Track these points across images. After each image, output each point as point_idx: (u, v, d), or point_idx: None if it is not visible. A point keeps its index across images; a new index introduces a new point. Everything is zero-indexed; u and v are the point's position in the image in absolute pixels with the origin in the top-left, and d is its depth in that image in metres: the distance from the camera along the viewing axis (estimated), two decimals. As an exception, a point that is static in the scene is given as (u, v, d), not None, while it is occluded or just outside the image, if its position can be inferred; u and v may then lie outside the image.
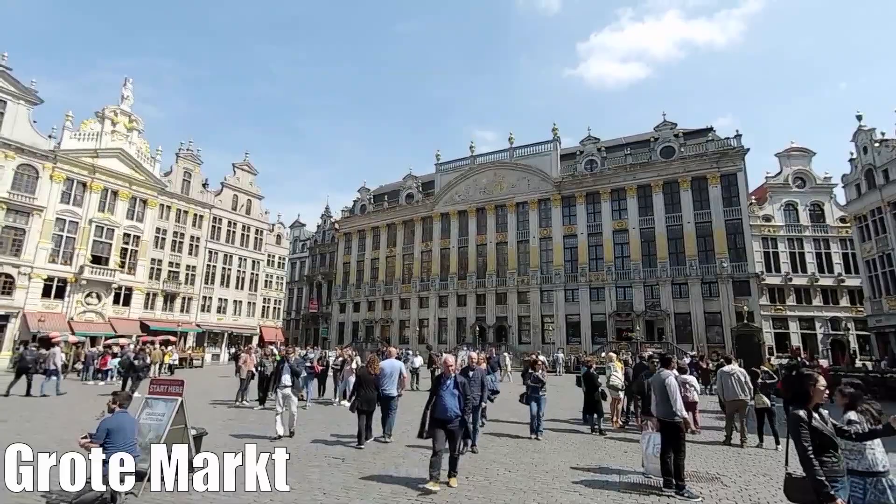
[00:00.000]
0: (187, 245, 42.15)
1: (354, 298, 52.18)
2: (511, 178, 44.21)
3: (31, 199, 31.52)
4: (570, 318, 39.13)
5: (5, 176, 30.47)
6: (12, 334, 29.73)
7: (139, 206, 38.11)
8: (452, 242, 46.63)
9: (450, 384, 6.12)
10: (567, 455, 8.19)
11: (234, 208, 46.93)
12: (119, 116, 36.93)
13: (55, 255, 32.67)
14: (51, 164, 32.55)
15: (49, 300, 32.01)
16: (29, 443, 4.63)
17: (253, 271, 48.30)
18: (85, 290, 33.77)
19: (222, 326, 44.20)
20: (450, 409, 5.94)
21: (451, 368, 6.32)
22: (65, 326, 31.11)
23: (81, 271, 33.32)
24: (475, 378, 8.21)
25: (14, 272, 30.51)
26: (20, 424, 10.45)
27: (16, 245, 30.87)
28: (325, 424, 10.80)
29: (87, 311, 33.75)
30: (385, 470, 7.00)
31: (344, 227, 55.69)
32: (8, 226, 30.53)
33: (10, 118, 30.81)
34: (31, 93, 32.01)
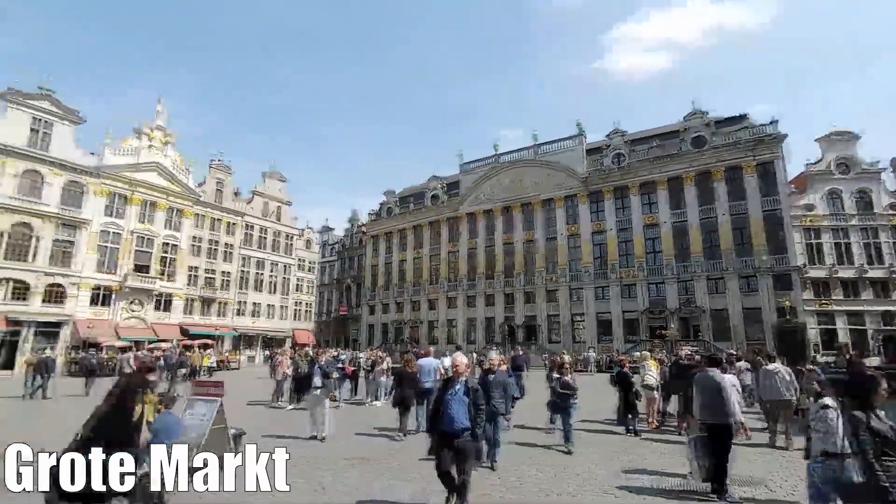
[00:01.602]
0: (222, 252, 43.53)
1: (383, 300, 52.71)
2: (536, 176, 43.75)
3: (78, 214, 33.22)
4: (600, 316, 38.42)
5: (55, 193, 32.23)
6: (65, 340, 31.38)
7: (176, 217, 39.62)
8: (479, 242, 46.53)
9: (458, 390, 5.08)
10: (601, 457, 8.03)
11: (264, 215, 48.17)
12: (154, 132, 38.56)
13: (101, 266, 34.31)
14: (94, 179, 34.22)
15: (97, 307, 33.64)
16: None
17: (284, 276, 49.46)
18: (129, 298, 35.35)
19: (257, 330, 45.43)
20: (457, 421, 4.89)
21: (461, 370, 5.32)
22: (112, 332, 32.64)
23: (125, 280, 34.89)
24: (496, 383, 7.42)
25: (65, 282, 32.21)
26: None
27: (66, 257, 32.58)
28: (356, 425, 10.94)
29: (132, 317, 35.31)
30: (404, 475, 6.96)
31: (371, 231, 56.35)
32: (59, 239, 32.26)
33: (56, 138, 32.58)
34: (74, 113, 33.76)
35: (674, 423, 10.67)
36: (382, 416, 12.03)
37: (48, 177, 32.01)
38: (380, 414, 12.71)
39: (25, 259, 30.61)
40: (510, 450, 7.86)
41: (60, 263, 32.25)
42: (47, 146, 32.14)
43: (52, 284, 31.67)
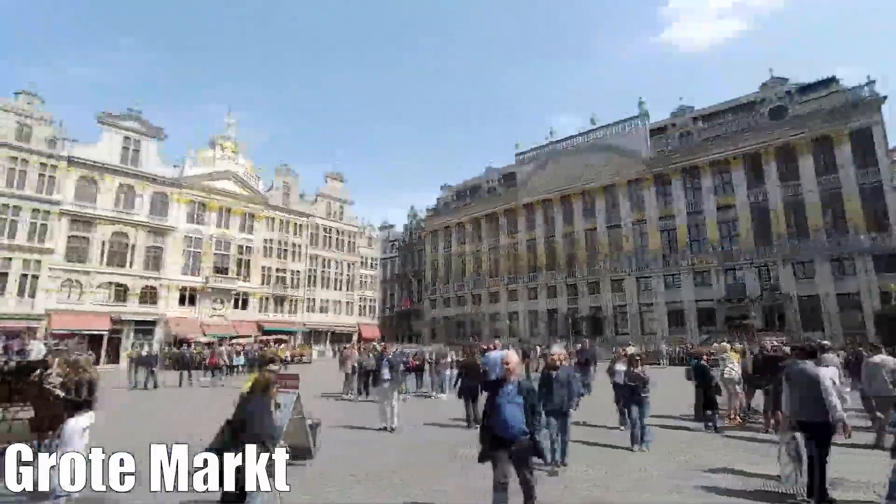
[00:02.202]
0: (291, 252, 45.89)
1: (444, 294, 53.26)
2: (596, 162, 42.14)
3: (164, 222, 36.36)
4: (671, 305, 36.47)
5: (145, 203, 35.48)
6: (159, 337, 34.57)
7: (249, 221, 42.28)
8: (539, 233, 45.68)
9: (511, 391, 4.56)
10: (678, 455, 7.60)
11: (328, 215, 50.15)
12: (226, 142, 41.37)
13: (186, 268, 37.38)
14: (177, 190, 37.27)
15: (184, 307, 36.72)
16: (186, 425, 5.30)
17: (349, 273, 51.30)
18: (211, 297, 38.27)
19: (325, 325, 47.54)
20: (512, 425, 4.40)
21: (513, 369, 4.75)
22: (198, 329, 35.48)
23: (207, 281, 37.80)
24: (561, 379, 6.92)
25: (157, 284, 35.44)
26: (192, 407, 12.11)
27: (156, 262, 35.80)
28: (424, 416, 11.11)
29: (214, 315, 38.20)
30: (462, 473, 6.83)
31: (429, 226, 57.03)
32: (150, 245, 35.52)
33: (144, 154, 35.84)
34: (159, 131, 37.00)
35: (760, 419, 9.90)
36: (449, 407, 12.17)
37: (138, 189, 35.28)
38: (446, 405, 12.88)
39: (124, 265, 34.00)
40: (577, 449, 7.52)
41: (152, 267, 35.49)
42: (137, 162, 35.43)
43: (146, 287, 34.95)
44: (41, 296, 29.90)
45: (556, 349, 7.74)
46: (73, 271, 31.59)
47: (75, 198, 32.29)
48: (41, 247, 30.25)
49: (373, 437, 9.12)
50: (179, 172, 37.68)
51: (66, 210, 31.59)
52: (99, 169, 33.39)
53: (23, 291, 29.46)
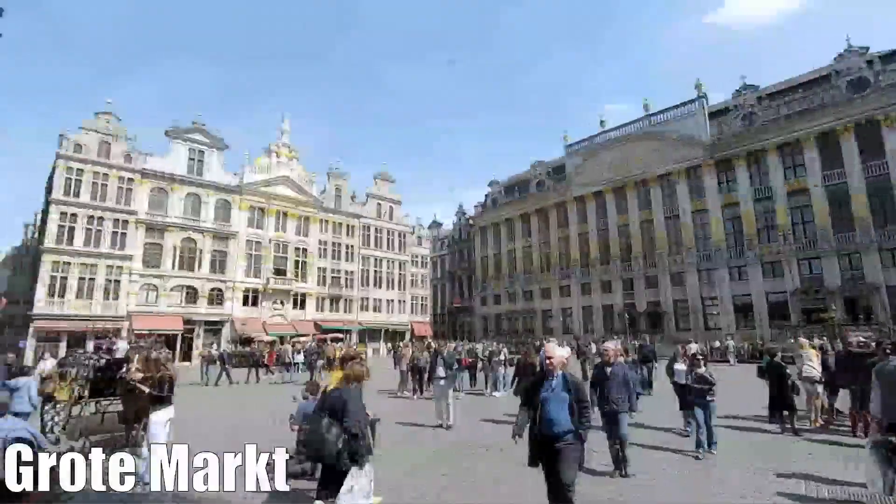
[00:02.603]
0: (344, 253, 47.30)
1: (495, 291, 53.00)
2: (650, 150, 40.35)
3: (228, 227, 38.56)
4: (738, 299, 34.34)
5: (210, 210, 37.79)
6: (226, 336, 36.74)
7: (304, 224, 44.00)
8: (591, 226, 44.40)
9: (556, 386, 4.27)
10: (751, 459, 7.10)
11: (378, 216, 51.23)
12: (281, 148, 43.28)
13: (248, 271, 39.46)
14: (238, 196, 39.40)
15: (248, 307, 38.79)
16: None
17: (400, 272, 52.19)
18: (271, 298, 40.18)
19: (379, 323, 48.64)
20: (557, 422, 4.11)
21: (556, 363, 4.40)
22: (261, 328, 37.38)
23: (268, 282, 39.72)
24: (617, 376, 6.50)
25: (223, 286, 37.67)
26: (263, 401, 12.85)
27: (221, 265, 38.05)
28: (480, 413, 11.11)
29: (275, 315, 40.08)
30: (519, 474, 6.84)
31: (478, 223, 56.92)
32: (215, 250, 37.80)
33: (208, 164, 38.19)
34: (221, 141, 39.30)
35: (846, 422, 9.12)
36: (505, 405, 12.11)
37: (204, 197, 37.61)
38: (502, 403, 12.81)
39: (193, 268, 36.39)
40: (639, 455, 7.09)
41: (218, 270, 37.76)
42: (202, 171, 37.82)
43: (213, 289, 37.23)
44: (123, 299, 32.61)
45: (610, 344, 7.35)
46: (149, 276, 34.19)
47: (149, 207, 34.92)
48: (122, 254, 32.96)
49: (429, 434, 9.22)
50: (240, 180, 39.82)
51: (141, 219, 34.24)
52: (169, 179, 35.93)
53: (108, 295, 32.25)
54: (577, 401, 4.22)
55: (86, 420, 7.51)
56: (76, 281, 31.23)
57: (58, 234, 31.01)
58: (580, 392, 4.30)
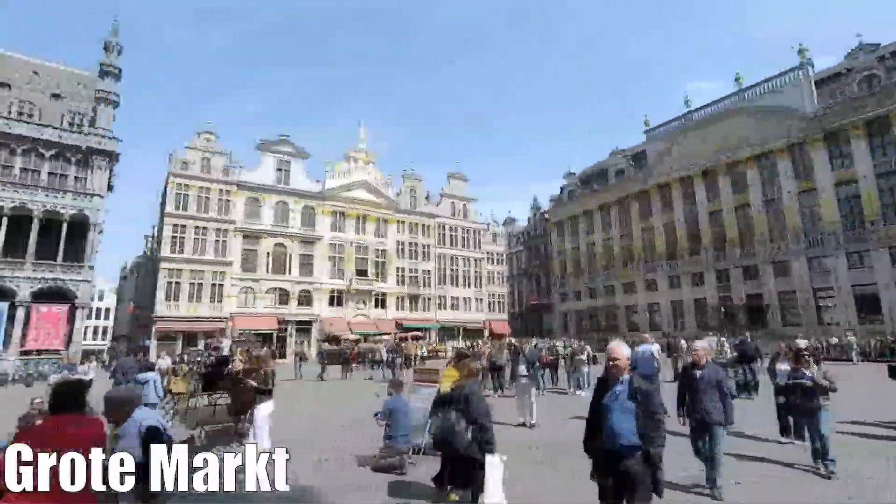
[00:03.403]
0: (421, 252, 48.36)
1: (574, 287, 51.34)
2: (745, 128, 36.74)
3: (313, 232, 41.02)
4: (859, 289, 30.23)
5: (296, 217, 40.45)
6: (315, 335, 39.13)
7: (382, 225, 45.61)
8: (677, 215, 41.44)
9: (620, 393, 3.67)
10: (887, 475, 6.19)
11: (452, 214, 51.74)
12: (358, 154, 45.24)
13: (333, 273, 41.69)
14: (321, 202, 41.78)
15: (334, 308, 40.99)
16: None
17: (476, 270, 52.33)
18: (355, 298, 42.14)
19: (457, 322, 49.11)
20: (620, 435, 3.55)
21: (621, 365, 3.77)
22: (346, 327, 39.33)
23: (351, 283, 41.70)
24: (708, 381, 5.59)
25: (310, 288, 40.16)
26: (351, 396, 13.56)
27: (308, 268, 40.56)
28: (564, 412, 10.77)
29: (359, 315, 41.98)
30: None
31: (553, 217, 55.44)
32: (302, 254, 40.39)
33: (293, 173, 40.93)
34: (304, 151, 41.95)
35: None
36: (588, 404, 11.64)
37: (291, 205, 40.34)
38: (586, 402, 12.35)
39: (284, 272, 39.16)
40: (737, 468, 6.22)
41: (306, 273, 40.29)
42: (288, 181, 40.59)
43: (302, 291, 39.80)
44: (226, 301, 35.88)
45: (700, 343, 6.42)
46: (247, 279, 37.32)
47: (245, 216, 38.11)
48: (223, 260, 36.28)
49: (511, 433, 9.07)
50: (322, 186, 42.20)
51: (239, 227, 37.46)
52: (260, 190, 38.96)
53: (213, 298, 35.67)
54: (645, 413, 3.56)
55: (201, 412, 8.30)
56: (187, 286, 34.90)
57: (171, 244, 34.86)
58: (649, 402, 3.62)
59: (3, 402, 11.92)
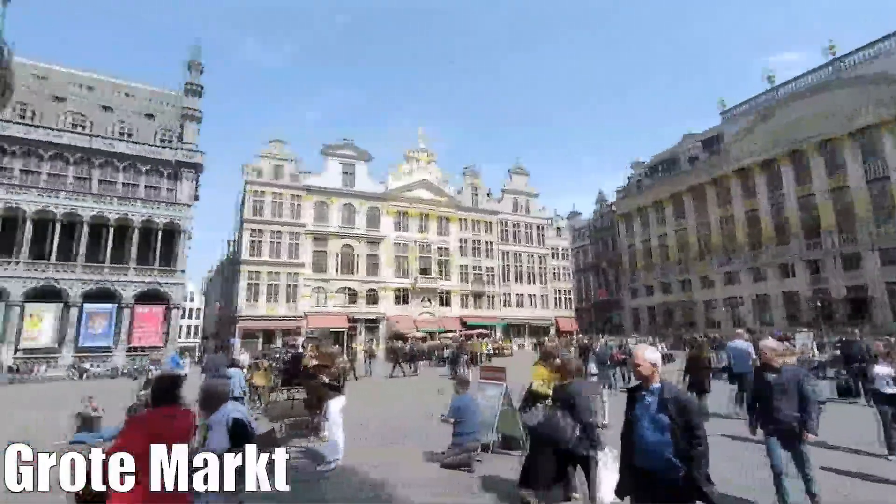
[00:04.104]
0: (483, 249, 48.25)
1: (646, 282, 48.91)
2: (840, 101, 33.04)
3: (377, 232, 42.24)
4: None
5: (361, 218, 41.85)
6: (381, 333, 40.29)
7: (444, 224, 46.04)
8: (760, 201, 38.17)
9: (650, 404, 3.15)
10: None
11: (514, 210, 51.14)
12: (419, 154, 45.96)
13: (397, 272, 42.69)
14: (384, 203, 42.92)
15: (399, 306, 41.97)
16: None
17: (540, 266, 51.38)
18: (420, 296, 42.88)
19: (522, 319, 48.53)
20: (652, 451, 3.06)
21: (644, 371, 3.23)
22: (412, 325, 40.13)
23: (415, 282, 42.48)
24: (785, 386, 4.68)
25: (377, 287, 41.40)
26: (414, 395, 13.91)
27: (374, 268, 41.83)
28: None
29: (424, 313, 42.68)
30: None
31: (621, 209, 53.13)
32: (368, 254, 41.72)
33: (357, 175, 42.37)
34: (366, 153, 43.31)
35: None
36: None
37: (356, 206, 41.80)
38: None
39: (351, 272, 40.66)
40: (834, 485, 5.31)
41: (372, 273, 41.58)
42: (353, 183, 42.08)
43: (369, 290, 41.11)
44: (300, 301, 37.88)
45: (770, 342, 5.39)
46: (318, 280, 39.15)
47: (314, 219, 40.00)
48: (296, 261, 38.32)
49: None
50: (385, 187, 43.34)
51: (309, 230, 39.39)
52: (327, 193, 40.71)
53: (288, 298, 37.79)
54: (684, 427, 2.99)
55: (280, 406, 8.81)
56: (265, 287, 37.24)
57: (250, 248, 37.37)
58: (686, 414, 3.04)
59: (115, 393, 13.40)
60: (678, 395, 3.16)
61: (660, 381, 3.19)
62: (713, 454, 3.18)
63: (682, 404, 3.08)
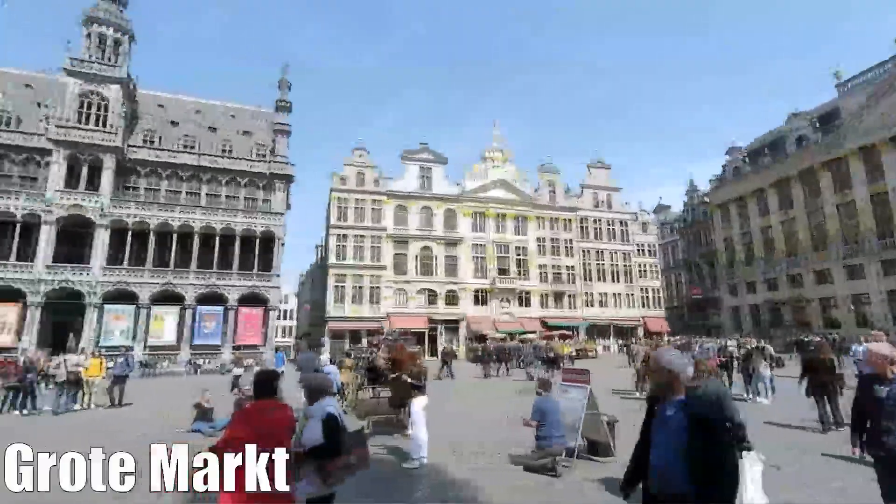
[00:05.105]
0: (563, 248, 46.87)
1: (747, 278, 44.51)
2: None
3: (455, 234, 42.71)
4: None
5: (439, 220, 42.57)
6: (461, 334, 40.62)
7: (521, 223, 45.42)
8: (890, 182, 33.08)
9: (671, 416, 2.56)
10: None
11: (595, 206, 49.13)
12: (494, 153, 45.83)
13: (476, 273, 42.83)
14: (460, 204, 43.30)
15: (479, 307, 42.07)
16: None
17: (624, 263, 48.85)
18: (499, 297, 42.66)
19: (606, 319, 46.41)
20: (669, 473, 2.48)
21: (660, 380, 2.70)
22: (492, 326, 40.04)
23: (494, 282, 42.34)
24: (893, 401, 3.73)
25: (456, 288, 41.85)
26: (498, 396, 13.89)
27: (453, 269, 42.32)
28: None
29: (503, 313, 42.39)
30: (831, 472, 5.24)
31: (716, 199, 48.87)
32: (447, 255, 42.31)
33: (434, 178, 43.25)
34: (442, 156, 44.14)
35: None
36: (771, 412, 10.02)
37: (434, 209, 42.61)
38: (768, 411, 10.64)
39: (431, 273, 41.48)
40: None
41: (450, 274, 42.10)
42: (430, 186, 42.99)
43: (448, 291, 41.66)
44: (382, 302, 39.35)
45: (882, 347, 4.27)
46: (399, 282, 40.41)
47: (394, 223, 41.37)
48: (378, 264, 39.88)
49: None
50: (461, 189, 43.72)
51: (390, 234, 40.82)
52: (406, 197, 41.93)
53: (372, 300, 39.42)
54: (708, 447, 2.37)
55: (366, 403, 9.19)
56: (350, 289, 39.18)
57: (336, 252, 39.54)
58: (714, 436, 2.41)
59: (224, 387, 14.83)
60: (708, 413, 2.52)
61: (684, 392, 2.58)
62: (816, 473, 2.75)
63: (710, 424, 2.44)
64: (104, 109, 32.30)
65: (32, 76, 35.50)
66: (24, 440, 2.88)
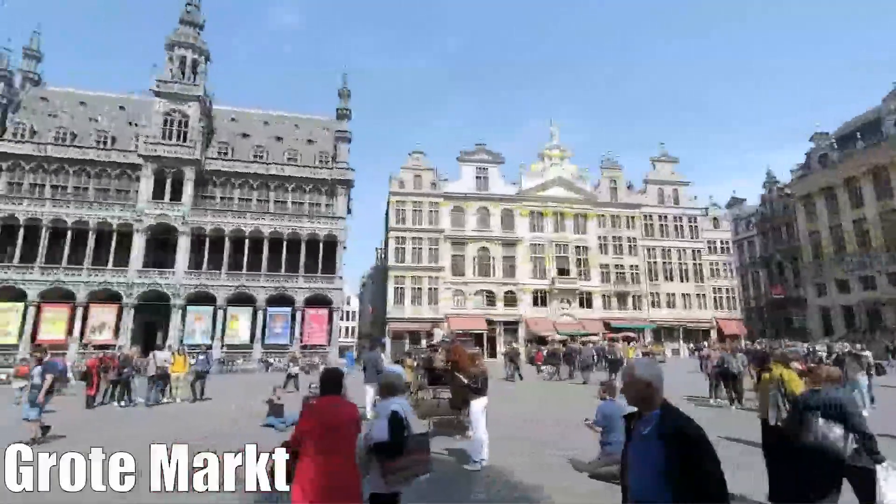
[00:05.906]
0: (626, 246, 44.98)
1: (837, 275, 40.48)
2: None
3: (512, 234, 42.26)
4: None
5: (496, 221, 42.33)
6: (520, 335, 40.07)
7: (581, 221, 44.13)
8: None
9: (647, 433, 2.22)
10: None
11: (660, 202, 46.75)
12: (552, 151, 44.93)
13: (534, 273, 42.11)
14: (518, 204, 42.80)
15: (537, 308, 41.33)
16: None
17: (694, 261, 46.04)
18: (558, 298, 41.67)
19: (675, 321, 43.96)
20: (641, 495, 2.22)
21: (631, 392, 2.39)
22: (551, 328, 39.17)
23: (553, 283, 41.42)
24: None
25: (514, 289, 41.39)
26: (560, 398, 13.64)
27: (511, 269, 41.90)
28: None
29: (563, 314, 41.35)
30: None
31: (799, 190, 44.91)
32: (504, 256, 41.96)
33: (491, 178, 43.14)
34: (499, 156, 43.96)
35: None
36: (877, 424, 8.93)
37: (491, 209, 42.44)
38: (871, 423, 9.52)
39: (488, 274, 41.31)
40: None
41: (508, 275, 41.68)
42: (486, 186, 42.88)
43: (507, 292, 41.28)
44: (441, 303, 39.70)
45: None
46: (457, 283, 40.59)
47: (451, 224, 41.63)
48: (437, 266, 40.29)
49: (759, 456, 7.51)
50: (518, 188, 43.20)
51: (447, 235, 41.12)
52: (463, 198, 42.08)
53: (430, 301, 39.89)
54: (685, 473, 2.02)
55: (427, 404, 9.27)
56: (409, 290, 39.89)
57: (395, 254, 40.41)
58: (693, 453, 2.05)
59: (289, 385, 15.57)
60: (683, 428, 2.14)
61: (660, 406, 2.27)
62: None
63: (687, 440, 2.09)
64: (184, 125, 35.14)
65: (124, 98, 39.45)
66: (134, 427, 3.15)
